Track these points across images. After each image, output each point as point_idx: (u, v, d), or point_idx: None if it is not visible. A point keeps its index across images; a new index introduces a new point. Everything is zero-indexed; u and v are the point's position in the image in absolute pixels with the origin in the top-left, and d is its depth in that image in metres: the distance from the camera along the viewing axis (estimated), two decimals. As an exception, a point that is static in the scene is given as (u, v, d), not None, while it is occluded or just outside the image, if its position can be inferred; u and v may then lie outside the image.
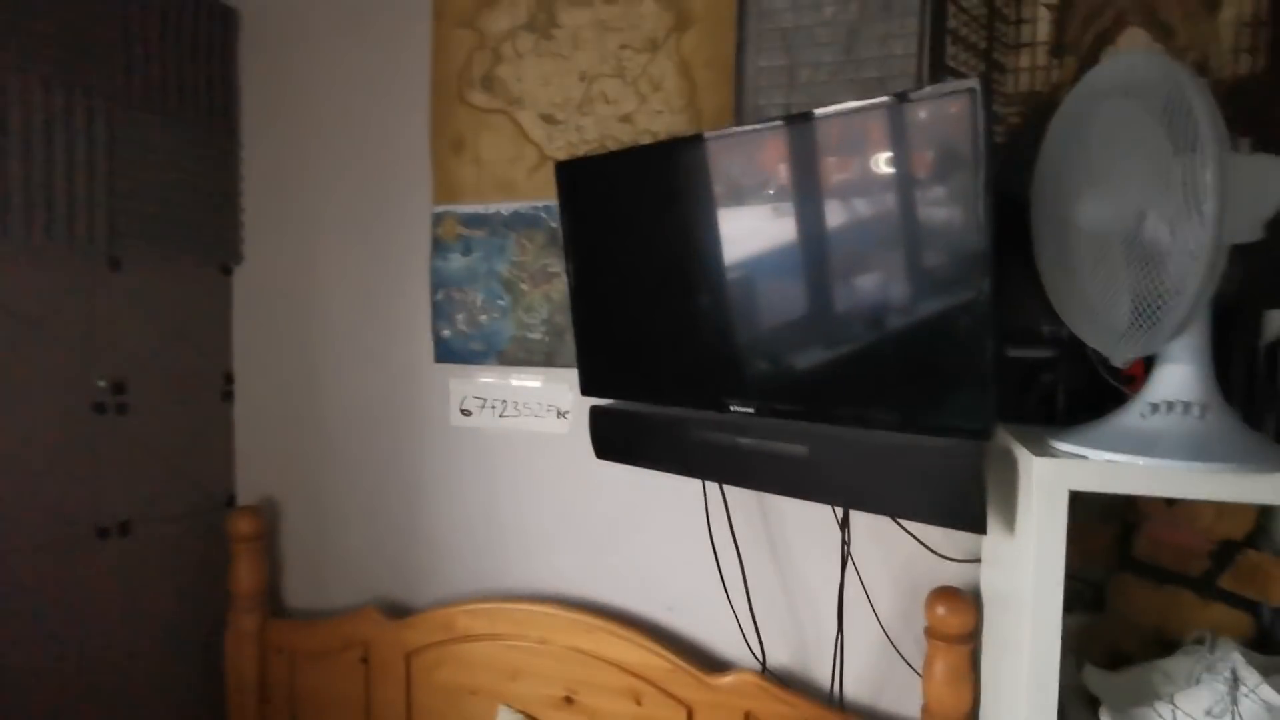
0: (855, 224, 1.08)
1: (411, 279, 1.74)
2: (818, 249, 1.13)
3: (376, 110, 1.76)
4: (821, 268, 1.13)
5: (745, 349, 1.24)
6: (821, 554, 1.45)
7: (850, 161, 1.08)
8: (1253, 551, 1.08)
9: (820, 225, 1.12)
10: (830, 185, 1.10)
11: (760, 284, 1.20)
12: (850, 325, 1.11)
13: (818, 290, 1.14)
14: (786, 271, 1.16)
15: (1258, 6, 1.22)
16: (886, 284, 1.07)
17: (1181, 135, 0.81)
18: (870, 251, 1.07)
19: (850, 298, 1.10)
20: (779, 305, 1.19)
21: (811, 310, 1.14)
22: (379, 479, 1.82)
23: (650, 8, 1.52)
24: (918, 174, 1.01)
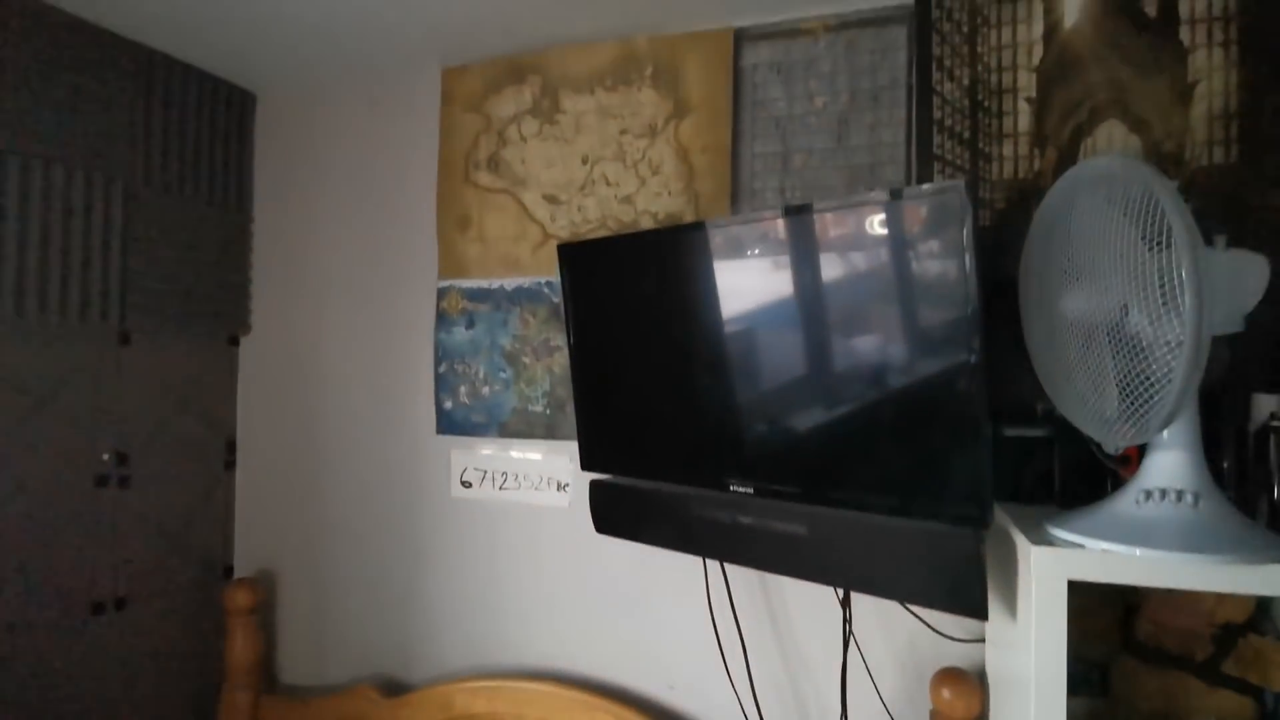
0: (850, 311, 1.12)
1: (415, 351, 1.77)
2: (814, 334, 1.16)
3: (385, 188, 1.83)
4: (817, 352, 1.16)
5: (745, 429, 1.26)
6: (824, 632, 1.43)
7: (844, 253, 1.12)
8: (1254, 636, 1.08)
9: (816, 310, 1.16)
10: (825, 274, 1.15)
11: (758, 366, 1.23)
12: (846, 409, 1.13)
13: (814, 373, 1.16)
14: (784, 355, 1.19)
15: (1228, 101, 1.29)
16: (881, 370, 1.09)
17: (1155, 232, 0.85)
18: (865, 338, 1.10)
19: (846, 382, 1.13)
20: (777, 387, 1.21)
21: (808, 392, 1.17)
22: (378, 550, 1.81)
23: (649, 96, 1.60)
24: (909, 266, 1.05)
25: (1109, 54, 1.35)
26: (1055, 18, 1.38)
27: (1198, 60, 1.31)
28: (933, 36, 1.44)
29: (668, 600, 1.55)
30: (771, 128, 1.54)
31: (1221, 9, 1.29)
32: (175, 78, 1.74)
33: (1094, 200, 0.95)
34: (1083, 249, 0.97)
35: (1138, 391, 0.89)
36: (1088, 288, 0.95)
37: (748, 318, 1.23)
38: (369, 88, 1.85)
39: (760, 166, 1.54)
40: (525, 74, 1.68)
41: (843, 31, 1.50)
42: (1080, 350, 0.98)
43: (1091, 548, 0.92)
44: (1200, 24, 1.31)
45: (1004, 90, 1.40)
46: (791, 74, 1.53)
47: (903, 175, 1.45)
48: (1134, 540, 0.91)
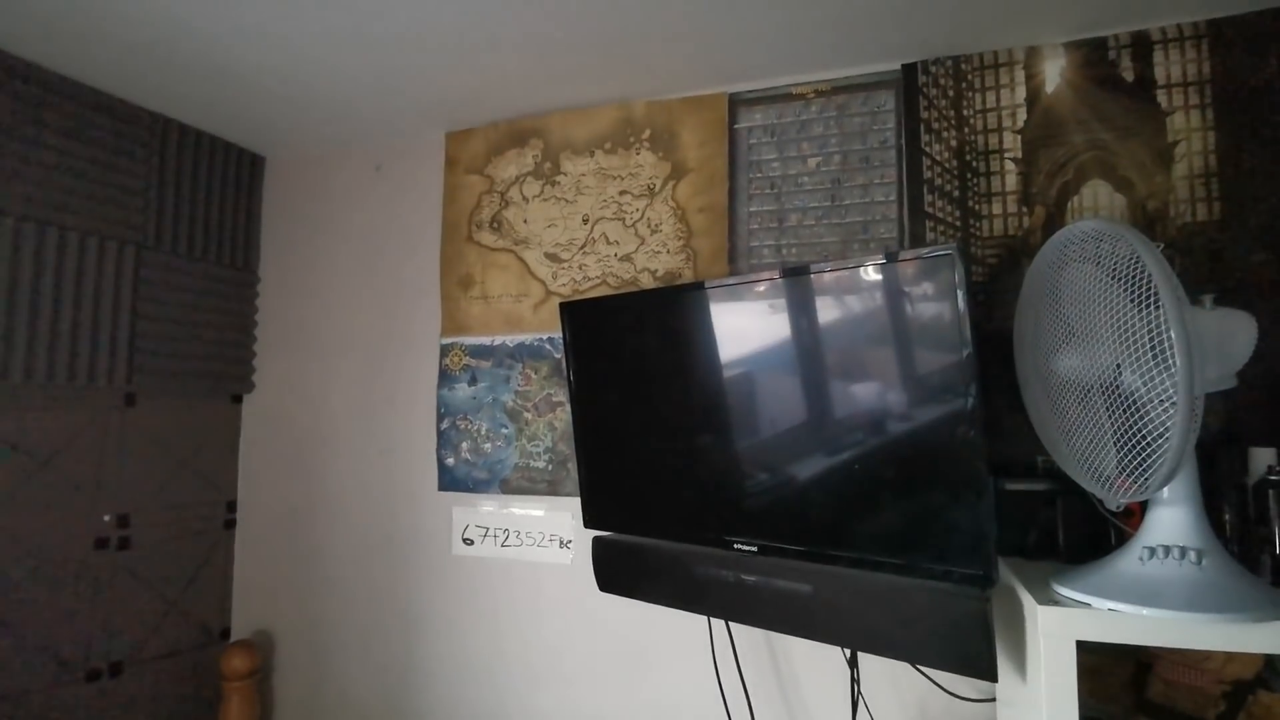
0: (848, 369, 1.14)
1: (418, 408, 1.78)
2: (813, 392, 1.18)
3: (389, 248, 1.87)
4: (817, 410, 1.17)
5: (746, 487, 1.26)
6: (832, 693, 1.41)
7: (841, 313, 1.14)
8: (1264, 693, 1.06)
9: (814, 369, 1.17)
10: (822, 334, 1.17)
11: (758, 424, 1.24)
12: (847, 467, 1.14)
13: (814, 431, 1.17)
14: (783, 413, 1.21)
15: (1207, 160, 1.34)
16: (881, 427, 1.11)
17: (1142, 293, 0.87)
18: (863, 396, 1.12)
19: (846, 440, 1.14)
20: (777, 445, 1.22)
21: (809, 450, 1.18)
22: (378, 611, 1.79)
23: (648, 158, 1.65)
24: (904, 325, 1.07)
25: (1090, 117, 1.41)
26: (1036, 83, 1.44)
27: (1176, 122, 1.36)
28: (920, 100, 1.50)
29: (673, 660, 1.52)
30: (766, 188, 1.58)
31: (1196, 74, 1.35)
32: (187, 142, 1.79)
33: (1082, 261, 0.98)
34: (1074, 309, 0.99)
35: (1135, 449, 0.90)
36: (1081, 347, 0.97)
37: (747, 375, 1.25)
38: (375, 151, 1.91)
39: (757, 225, 1.58)
40: (527, 137, 1.74)
41: (833, 96, 1.56)
42: (1076, 408, 1.00)
43: (1098, 607, 0.92)
44: (1177, 88, 1.36)
45: (991, 151, 1.46)
46: (785, 137, 1.58)
47: (895, 233, 1.49)
48: (1140, 600, 0.90)
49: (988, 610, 0.98)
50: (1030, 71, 1.44)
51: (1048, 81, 1.43)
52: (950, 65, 1.48)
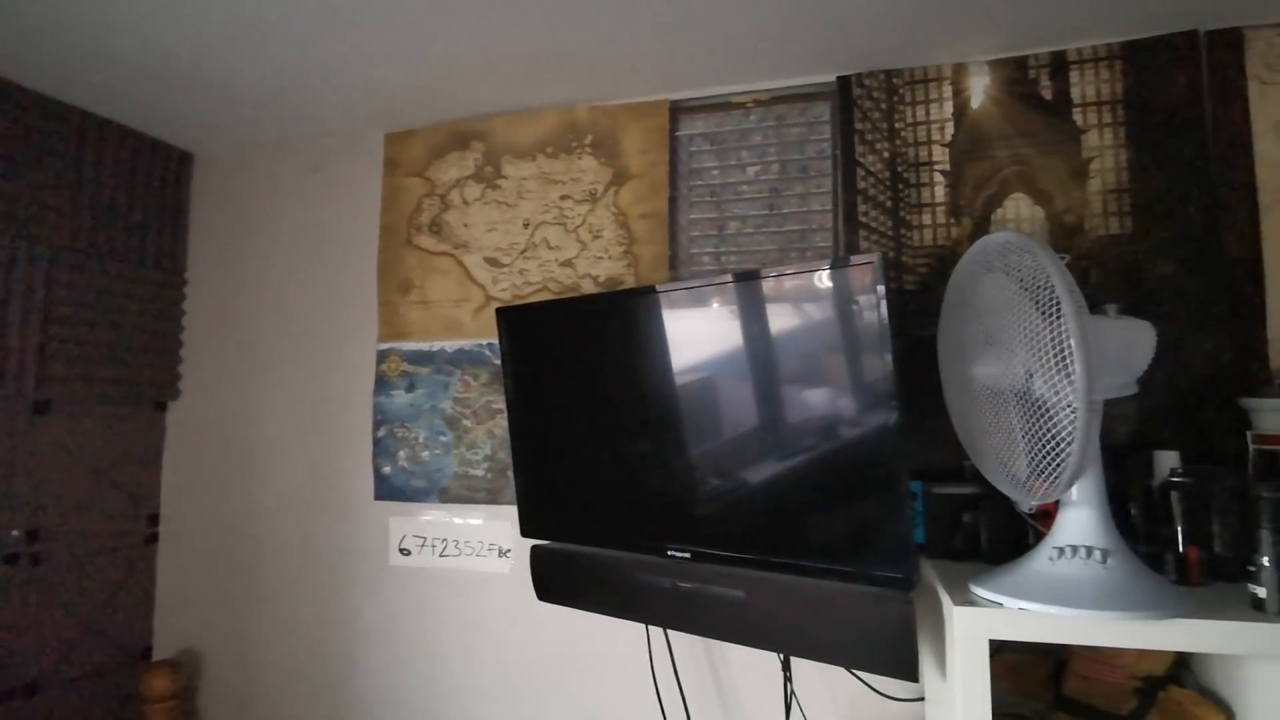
0: (778, 378, 1.15)
1: (353, 416, 1.74)
2: (746, 400, 1.19)
3: (326, 250, 1.82)
4: (750, 417, 1.18)
5: (682, 494, 1.26)
6: (769, 699, 1.42)
7: (768, 321, 1.16)
8: (1175, 688, 1.11)
9: (746, 377, 1.19)
10: (750, 341, 1.18)
11: (695, 431, 1.25)
12: (778, 473, 1.15)
13: (748, 437, 1.19)
14: (719, 420, 1.21)
15: (1119, 177, 1.40)
16: (809, 434, 1.12)
17: (1047, 304, 0.91)
18: (793, 404, 1.14)
19: (778, 446, 1.15)
20: (713, 451, 1.23)
21: (743, 456, 1.19)
22: (311, 626, 1.73)
23: (590, 164, 1.65)
24: (830, 335, 1.09)
25: (1012, 132, 1.46)
26: (963, 99, 1.49)
27: (1091, 139, 1.42)
28: (855, 112, 1.53)
29: (613, 669, 1.52)
30: (707, 195, 1.60)
31: (1109, 93, 1.42)
32: (109, 138, 1.72)
33: (996, 272, 1.01)
34: (990, 317, 1.02)
35: (1044, 453, 0.94)
36: (995, 354, 1.00)
37: (681, 383, 1.25)
38: (312, 150, 1.86)
39: (698, 233, 1.59)
40: (468, 140, 1.72)
41: (772, 106, 1.59)
42: (992, 414, 1.03)
43: (1010, 606, 0.95)
44: (1091, 107, 1.43)
45: (921, 163, 1.50)
46: (725, 145, 1.60)
47: (831, 242, 1.52)
48: (1050, 599, 0.93)
49: (910, 612, 1.00)
50: (957, 87, 1.49)
51: (973, 97, 1.48)
52: (883, 79, 1.52)
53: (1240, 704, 1.05)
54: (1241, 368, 1.30)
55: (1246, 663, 1.03)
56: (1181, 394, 1.31)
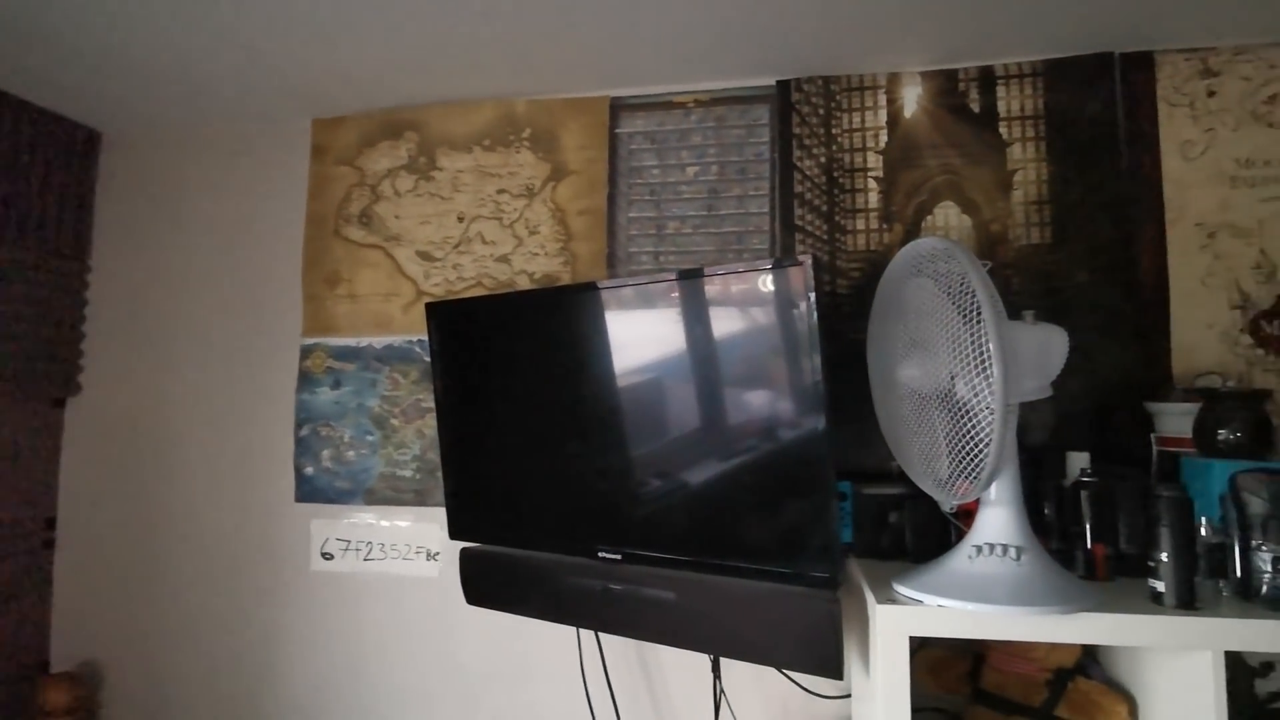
0: (705, 377, 1.15)
1: (274, 413, 1.65)
2: (672, 399, 1.18)
3: (246, 239, 1.73)
4: (679, 417, 1.17)
5: (612, 494, 1.25)
6: (702, 700, 1.42)
7: (698, 322, 1.15)
8: (1082, 679, 1.16)
9: (673, 376, 1.18)
10: (681, 341, 1.17)
11: (626, 430, 1.23)
12: (707, 473, 1.15)
13: (678, 437, 1.18)
14: (649, 420, 1.20)
15: (1040, 189, 1.46)
16: (739, 434, 1.12)
17: (968, 309, 0.93)
18: (722, 405, 1.13)
19: (707, 446, 1.15)
20: (643, 451, 1.22)
21: (672, 457, 1.18)
22: (225, 634, 1.64)
23: (528, 158, 1.61)
24: (760, 334, 1.10)
25: (942, 142, 1.50)
26: (897, 108, 1.52)
27: (1015, 152, 1.48)
28: (793, 117, 1.55)
29: (543, 674, 1.49)
30: (646, 194, 1.59)
31: (1032, 109, 1.47)
32: (5, 112, 1.59)
33: (922, 277, 1.03)
34: (915, 321, 1.04)
35: (964, 453, 0.96)
36: (921, 358, 1.02)
37: (617, 383, 1.23)
38: (233, 134, 1.76)
39: (636, 231, 1.58)
40: (401, 130, 1.66)
41: (712, 107, 1.59)
42: (916, 414, 1.05)
43: (929, 603, 0.96)
44: (1016, 120, 1.48)
45: (856, 169, 1.53)
46: (665, 144, 1.59)
47: (768, 245, 1.53)
48: (967, 595, 0.96)
49: (836, 611, 1.01)
50: (891, 96, 1.52)
51: (907, 107, 1.52)
52: (821, 84, 1.55)
53: (1141, 693, 1.10)
54: (1148, 373, 1.37)
55: (1147, 654, 1.08)
56: (1094, 398, 1.38)
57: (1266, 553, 0.93)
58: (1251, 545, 0.96)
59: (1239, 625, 0.88)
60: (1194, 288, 1.38)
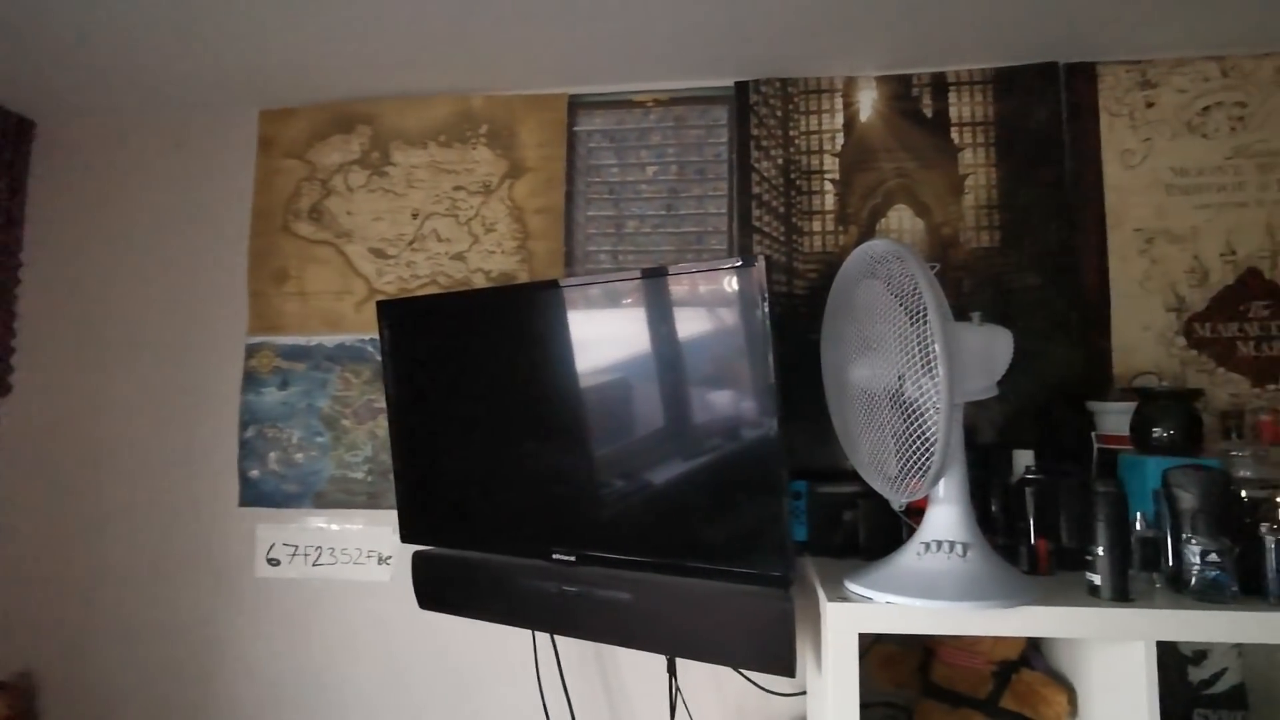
0: (660, 377, 1.15)
1: (217, 414, 1.60)
2: (626, 399, 1.18)
3: (189, 234, 1.66)
4: (630, 417, 1.17)
5: (567, 495, 1.23)
6: (657, 699, 1.41)
7: (653, 322, 1.15)
8: (1026, 671, 1.19)
9: (627, 376, 1.17)
10: (635, 341, 1.17)
11: (580, 431, 1.22)
12: (661, 473, 1.14)
13: (632, 438, 1.17)
14: (599, 420, 1.20)
15: (990, 193, 1.49)
16: (693, 434, 1.12)
17: (915, 311, 0.95)
18: (676, 404, 1.13)
19: (661, 446, 1.15)
20: (597, 451, 1.21)
21: (626, 457, 1.18)
22: (167, 644, 1.57)
23: (484, 154, 1.59)
24: (714, 334, 1.10)
25: (896, 146, 1.53)
26: (853, 111, 1.54)
27: (966, 157, 1.51)
28: (751, 118, 1.56)
29: (498, 676, 1.47)
30: (605, 193, 1.58)
31: (983, 115, 1.51)
32: (-74, 98, 1.50)
33: (873, 279, 1.05)
34: (867, 322, 1.06)
35: (912, 451, 0.98)
36: (871, 358, 1.03)
37: (572, 383, 1.22)
38: (175, 124, 1.69)
39: (594, 230, 1.57)
40: (354, 123, 1.62)
41: (672, 107, 1.59)
42: (867, 413, 1.06)
43: (879, 600, 0.98)
44: (967, 126, 1.52)
45: (813, 172, 1.54)
46: (624, 143, 1.59)
47: (726, 245, 1.54)
48: (915, 592, 0.97)
49: (789, 610, 1.01)
50: (848, 100, 1.55)
51: (863, 110, 1.54)
52: (779, 87, 1.56)
53: (1081, 683, 1.14)
54: (1090, 373, 1.41)
55: (1085, 645, 1.11)
56: (1041, 397, 1.41)
57: (1196, 546, 0.97)
58: (1182, 539, 0.99)
59: (1169, 616, 0.92)
60: (1133, 291, 1.43)
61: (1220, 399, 1.37)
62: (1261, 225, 1.41)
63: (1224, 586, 0.95)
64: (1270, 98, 1.43)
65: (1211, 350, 1.41)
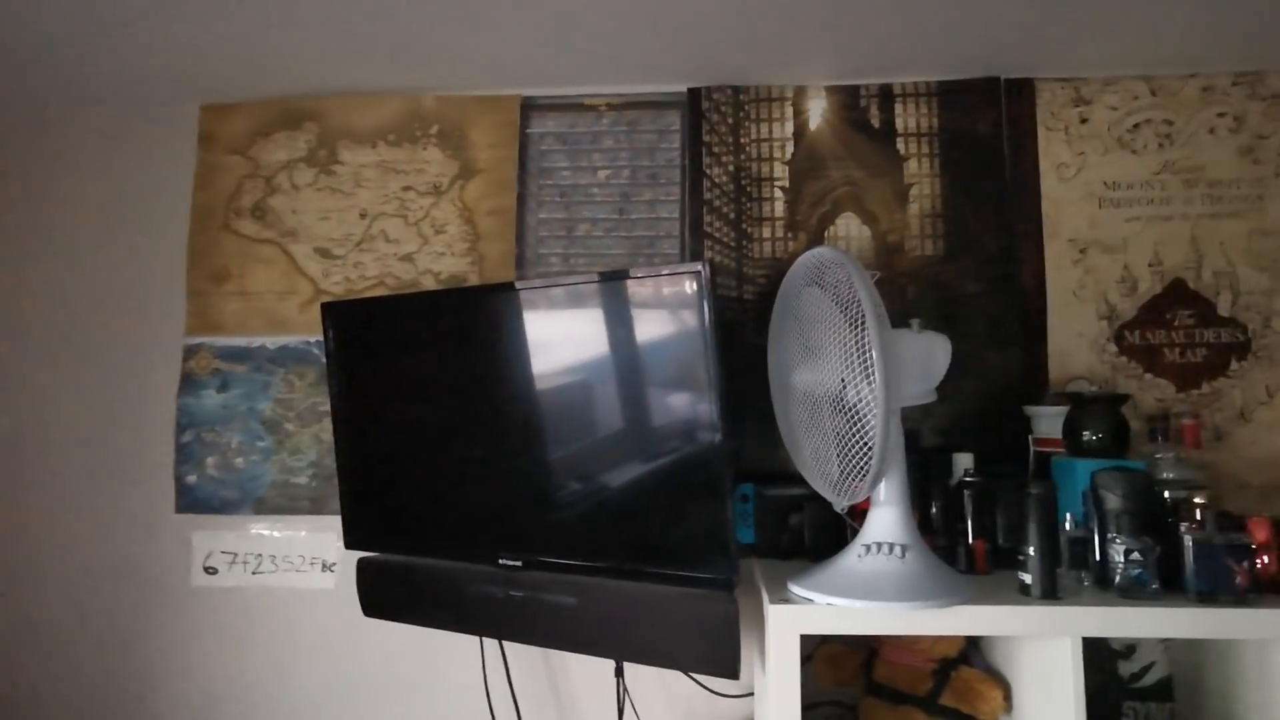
0: (605, 382, 1.15)
1: (153, 418, 1.54)
2: (572, 404, 1.18)
3: (124, 230, 1.60)
4: (576, 421, 1.17)
5: (513, 501, 1.22)
6: (607, 705, 1.41)
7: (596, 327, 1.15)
8: (965, 668, 1.22)
9: (572, 381, 1.17)
10: (580, 346, 1.17)
11: (525, 435, 1.21)
12: (606, 477, 1.14)
13: (577, 442, 1.17)
14: (545, 425, 1.19)
15: (934, 203, 1.53)
16: (637, 438, 1.13)
17: (854, 316, 0.96)
18: (620, 408, 1.14)
19: (606, 450, 1.15)
20: (543, 456, 1.20)
21: (572, 461, 1.17)
22: (98, 658, 1.50)
23: (435, 155, 1.57)
24: (658, 339, 1.10)
25: (845, 155, 1.56)
26: (802, 120, 1.57)
27: (911, 167, 1.55)
28: (703, 124, 1.57)
29: (445, 684, 1.44)
30: (556, 196, 1.57)
31: (928, 126, 1.55)
32: None
33: (815, 286, 1.06)
34: (810, 328, 1.07)
35: (853, 455, 0.99)
36: (814, 363, 1.05)
37: (518, 388, 1.21)
38: (112, 116, 1.63)
39: (546, 233, 1.56)
40: (300, 120, 1.58)
41: (625, 111, 1.59)
42: (810, 418, 1.08)
43: (820, 602, 0.99)
44: (912, 137, 1.55)
45: (763, 179, 1.56)
46: (577, 146, 1.58)
47: (678, 250, 1.55)
48: (855, 593, 0.99)
49: (732, 612, 1.02)
50: (798, 108, 1.57)
51: (812, 119, 1.57)
52: (731, 94, 1.57)
53: (1015, 678, 1.17)
54: (1028, 379, 1.46)
55: (1019, 642, 1.15)
56: (982, 402, 1.45)
57: (1120, 545, 1.01)
58: (1108, 538, 1.03)
59: (1094, 613, 0.95)
60: (1068, 299, 1.49)
61: (1147, 403, 1.43)
62: (1186, 237, 1.48)
63: (1146, 584, 0.99)
64: (1195, 116, 1.50)
65: (1140, 356, 1.47)
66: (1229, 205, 1.48)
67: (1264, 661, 1.12)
